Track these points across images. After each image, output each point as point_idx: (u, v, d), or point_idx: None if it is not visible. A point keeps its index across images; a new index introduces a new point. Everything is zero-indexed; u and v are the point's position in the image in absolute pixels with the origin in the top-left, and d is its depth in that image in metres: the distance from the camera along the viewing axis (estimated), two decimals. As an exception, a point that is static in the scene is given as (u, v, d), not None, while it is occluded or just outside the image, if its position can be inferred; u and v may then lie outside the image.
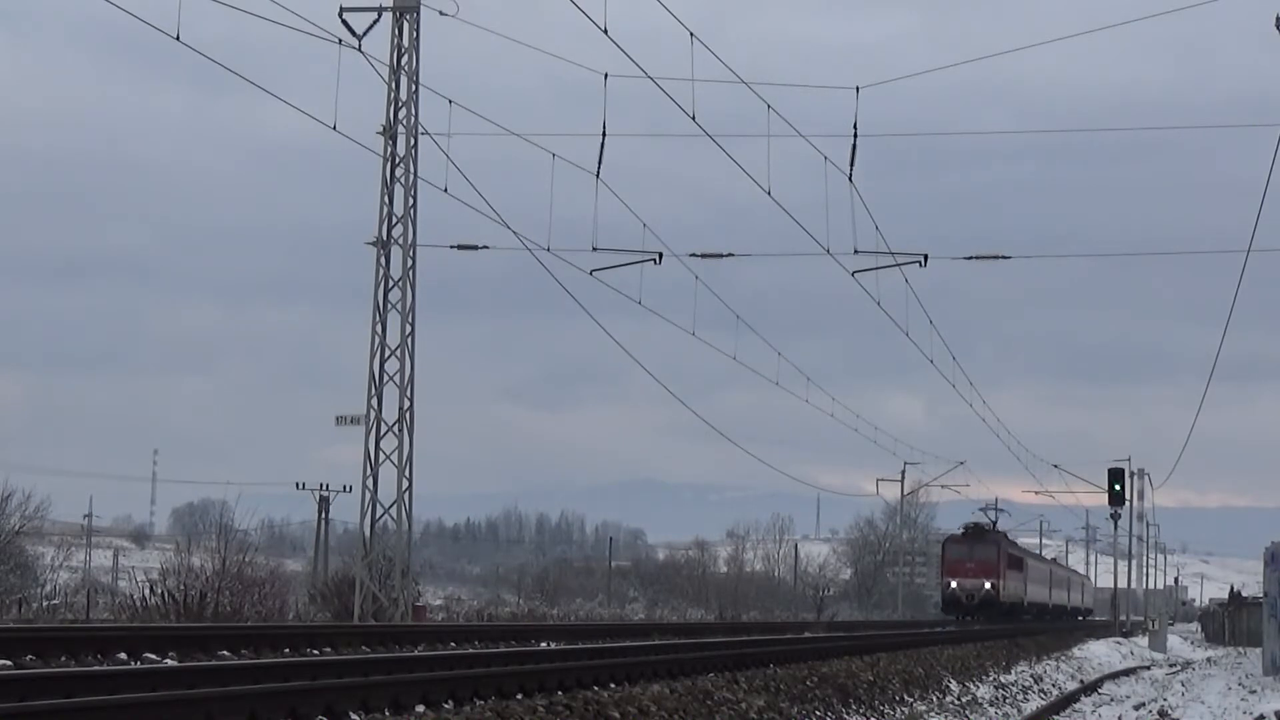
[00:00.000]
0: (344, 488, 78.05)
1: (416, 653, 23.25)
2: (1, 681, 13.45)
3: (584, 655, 22.90)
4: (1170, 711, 27.75)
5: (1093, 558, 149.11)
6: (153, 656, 19.67)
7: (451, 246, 40.36)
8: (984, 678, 33.19)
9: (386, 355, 37.78)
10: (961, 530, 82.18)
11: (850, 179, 29.97)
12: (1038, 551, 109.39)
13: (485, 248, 39.79)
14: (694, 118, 26.91)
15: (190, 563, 43.01)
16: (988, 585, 75.96)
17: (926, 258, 36.35)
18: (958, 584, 76.47)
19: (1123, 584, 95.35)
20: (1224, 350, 44.67)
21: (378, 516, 37.95)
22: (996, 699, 29.59)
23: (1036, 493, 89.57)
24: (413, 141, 37.67)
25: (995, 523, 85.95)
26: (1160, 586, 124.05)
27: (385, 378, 37.75)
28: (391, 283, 37.75)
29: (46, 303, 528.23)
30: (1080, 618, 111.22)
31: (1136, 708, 29.55)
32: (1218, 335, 70.31)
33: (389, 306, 37.80)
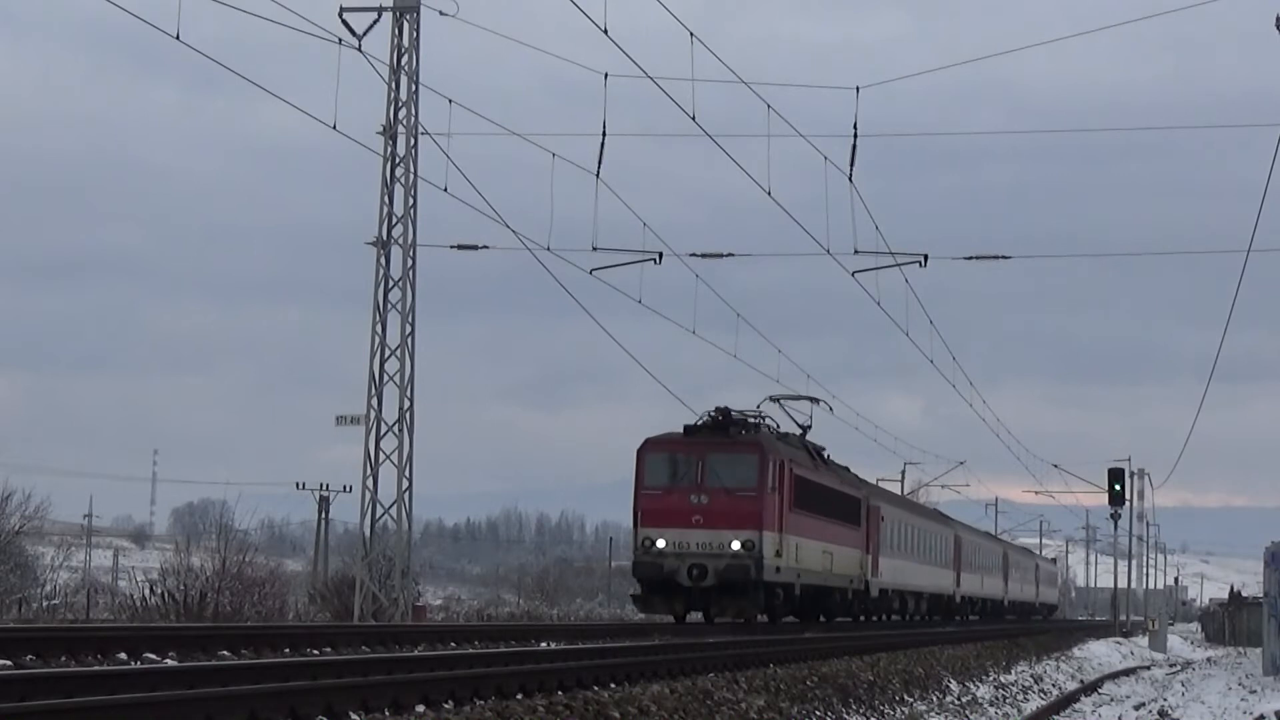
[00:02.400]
0: (344, 488, 78.30)
1: (416, 653, 23.22)
2: (1, 681, 13.44)
3: (584, 655, 22.87)
4: (1170, 711, 27.76)
5: (1093, 558, 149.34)
6: (153, 656, 19.65)
7: (451, 246, 40.40)
8: (984, 678, 33.15)
9: (386, 355, 37.78)
10: (685, 426, 38.02)
11: (850, 179, 30.06)
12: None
13: (485, 248, 39.84)
14: (694, 118, 26.96)
15: (190, 563, 43.16)
16: (737, 545, 36.28)
17: (926, 258, 36.42)
18: (668, 543, 36.56)
19: (1123, 584, 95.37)
20: (1224, 350, 44.83)
21: (378, 516, 37.95)
22: (996, 699, 29.57)
23: (1036, 493, 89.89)
24: (413, 141, 37.68)
25: (800, 433, 43.59)
26: (1160, 586, 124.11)
27: (385, 378, 37.76)
28: (391, 283, 37.76)
29: (46, 302, 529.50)
30: (1037, 617, 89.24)
31: (1136, 708, 29.55)
32: (1217, 335, 70.43)
33: (389, 306, 37.81)
